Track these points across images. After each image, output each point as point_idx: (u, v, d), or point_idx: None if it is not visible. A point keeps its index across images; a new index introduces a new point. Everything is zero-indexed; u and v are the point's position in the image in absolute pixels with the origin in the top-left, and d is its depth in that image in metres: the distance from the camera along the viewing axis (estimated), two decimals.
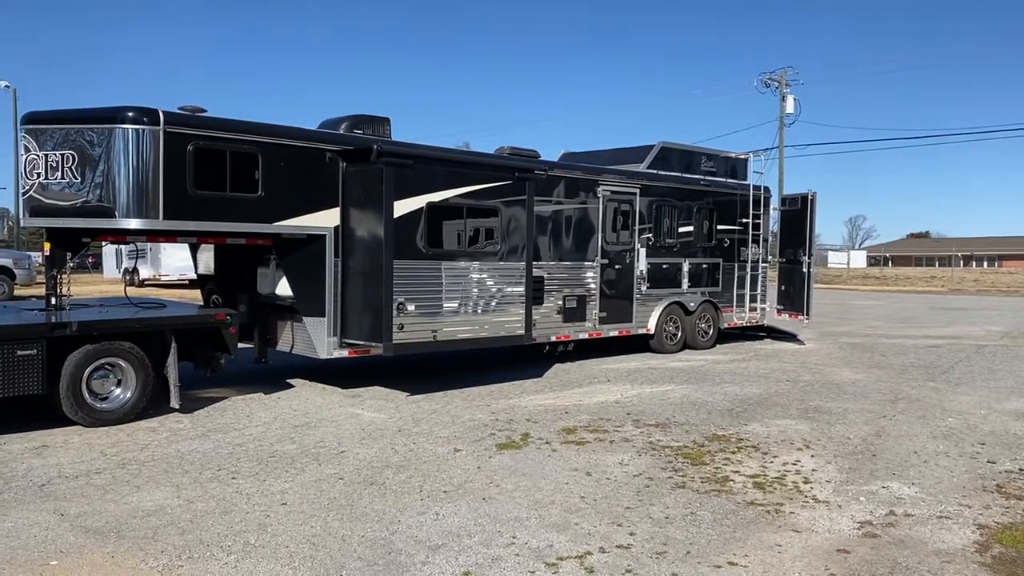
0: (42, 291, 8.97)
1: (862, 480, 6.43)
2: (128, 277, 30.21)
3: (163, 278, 30.87)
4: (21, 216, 8.56)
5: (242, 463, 6.58)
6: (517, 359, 12.27)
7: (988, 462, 7.05)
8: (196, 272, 11.06)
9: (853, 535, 5.21)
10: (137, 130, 7.96)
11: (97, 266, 40.13)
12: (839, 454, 7.21)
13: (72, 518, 5.23)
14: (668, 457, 7.00)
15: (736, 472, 6.57)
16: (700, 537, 5.11)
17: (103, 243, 8.43)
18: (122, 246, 31.53)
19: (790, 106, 43.77)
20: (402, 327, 9.03)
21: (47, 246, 8.56)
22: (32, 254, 27.94)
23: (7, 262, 24.11)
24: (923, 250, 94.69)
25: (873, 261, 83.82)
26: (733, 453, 7.18)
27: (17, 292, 23.64)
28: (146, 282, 30.78)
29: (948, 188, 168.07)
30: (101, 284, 30.57)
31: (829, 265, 66.98)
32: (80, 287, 25.21)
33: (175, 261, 29.65)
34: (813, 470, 6.67)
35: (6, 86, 43.62)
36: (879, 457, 7.13)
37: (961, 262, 74.89)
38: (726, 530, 5.24)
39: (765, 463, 6.86)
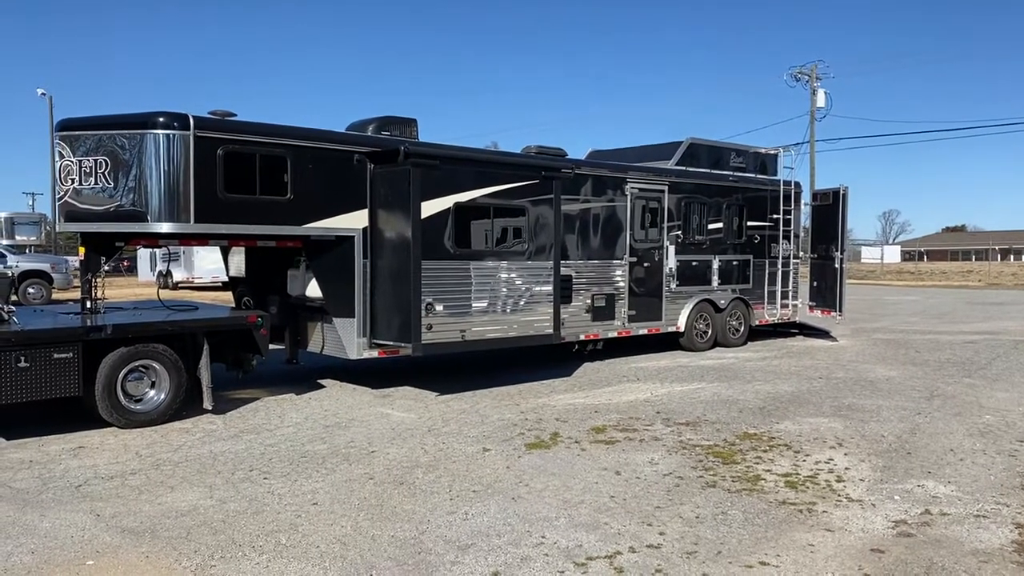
0: (79, 295, 9.14)
1: (896, 478, 6.33)
2: (162, 280, 30.68)
3: (196, 280, 31.26)
4: (57, 221, 8.70)
5: (274, 463, 6.64)
6: (546, 358, 12.25)
7: None
8: (227, 274, 11.19)
9: (887, 534, 5.14)
10: (168, 135, 8.06)
11: (132, 269, 40.77)
12: (873, 452, 7.11)
13: (108, 518, 5.32)
14: (699, 456, 6.95)
15: (768, 471, 6.50)
16: (731, 537, 5.07)
17: (136, 247, 8.55)
18: (156, 249, 32.09)
19: (821, 100, 43.19)
20: (430, 327, 9.06)
21: (82, 250, 8.72)
22: (69, 258, 28.44)
23: (45, 267, 24.61)
24: (959, 244, 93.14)
25: (907, 256, 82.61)
26: (765, 452, 7.11)
27: (55, 296, 24.10)
28: (179, 285, 31.21)
29: (985, 180, 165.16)
30: (136, 287, 31.05)
31: (862, 260, 66.09)
32: (115, 290, 25.66)
33: (208, 264, 30.02)
34: (846, 468, 6.59)
35: (43, 93, 44.48)
36: (914, 455, 7.02)
37: (998, 256, 73.54)
38: (758, 529, 5.19)
39: (797, 462, 6.79)
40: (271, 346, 9.14)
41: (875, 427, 8.06)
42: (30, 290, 23.85)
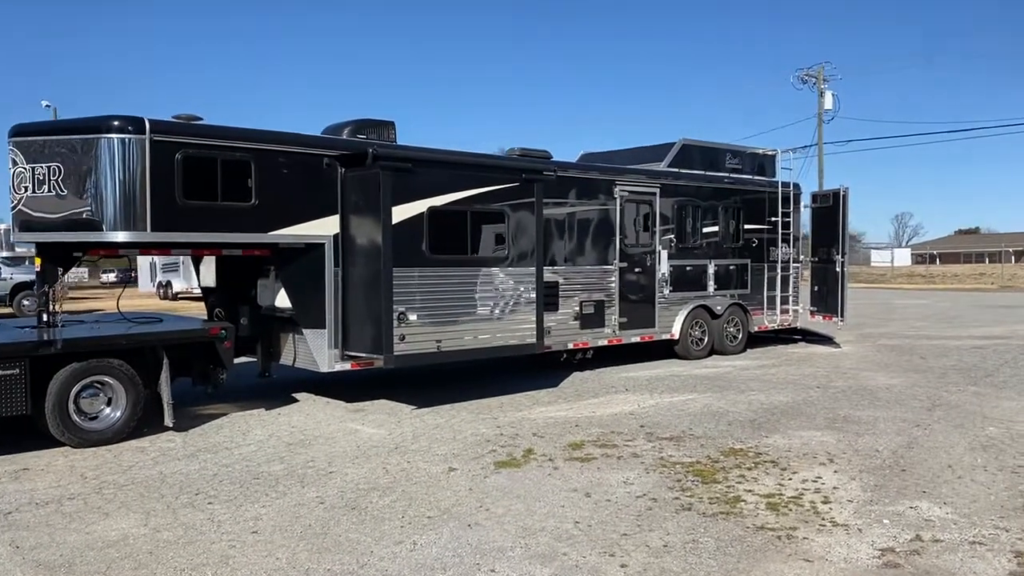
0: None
1: (888, 499, 5.86)
2: (161, 291, 30.13)
3: (195, 291, 30.93)
4: (12, 231, 8.36)
5: (223, 486, 6.24)
6: (533, 368, 11.82)
7: None
8: (199, 284, 10.81)
9: (872, 565, 4.67)
10: (123, 139, 7.70)
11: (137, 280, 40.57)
12: (865, 469, 6.64)
13: (26, 551, 4.92)
14: (677, 475, 6.50)
15: (749, 491, 6.04)
16: (699, 569, 4.61)
17: (95, 257, 8.21)
18: (156, 260, 31.82)
19: (828, 102, 42.61)
20: (403, 338, 8.65)
21: (38, 261, 8.36)
22: (60, 270, 28.17)
23: None
24: (972, 246, 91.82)
25: (919, 259, 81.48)
26: (749, 469, 6.65)
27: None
28: (179, 295, 30.90)
29: (999, 182, 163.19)
30: (136, 298, 30.77)
31: (872, 264, 65.26)
32: (119, 302, 25.34)
33: None
34: (834, 488, 6.12)
35: (47, 105, 44.41)
36: (909, 472, 6.55)
37: (1012, 258, 72.46)
38: (729, 560, 4.74)
39: (782, 480, 6.33)
40: (245, 359, 8.76)
41: (869, 441, 7.58)
42: (25, 302, 23.56)
